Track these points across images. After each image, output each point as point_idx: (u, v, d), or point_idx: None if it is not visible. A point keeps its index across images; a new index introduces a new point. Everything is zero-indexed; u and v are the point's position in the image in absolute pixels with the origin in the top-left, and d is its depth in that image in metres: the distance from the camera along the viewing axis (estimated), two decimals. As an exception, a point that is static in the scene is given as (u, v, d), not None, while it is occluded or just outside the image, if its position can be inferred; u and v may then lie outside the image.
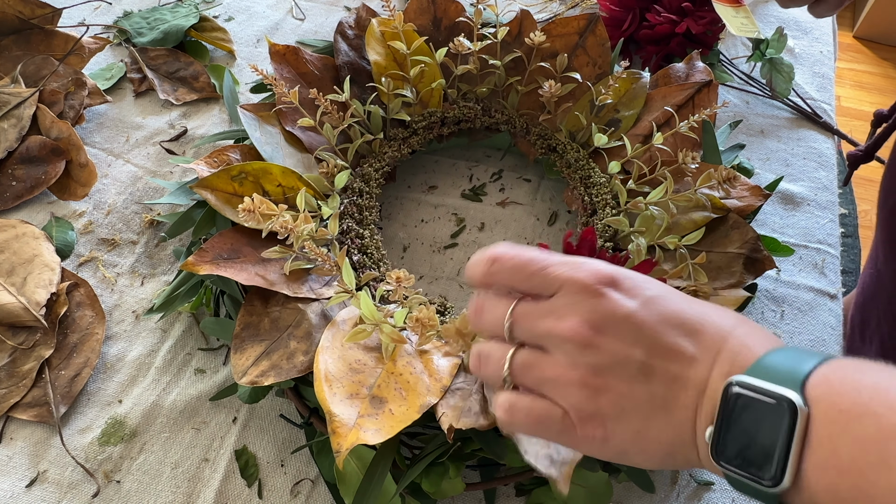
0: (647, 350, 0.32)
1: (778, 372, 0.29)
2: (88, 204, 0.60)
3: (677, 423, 0.31)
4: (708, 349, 0.32)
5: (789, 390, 0.28)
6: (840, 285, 0.59)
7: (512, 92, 0.59)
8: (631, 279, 0.34)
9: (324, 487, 0.46)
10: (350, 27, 0.59)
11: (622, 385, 0.32)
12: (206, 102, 0.69)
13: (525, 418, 0.33)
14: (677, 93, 0.56)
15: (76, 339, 0.51)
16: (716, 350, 0.32)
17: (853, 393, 0.28)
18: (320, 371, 0.40)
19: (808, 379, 0.29)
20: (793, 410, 0.28)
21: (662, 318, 0.32)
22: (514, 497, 0.46)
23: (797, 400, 0.28)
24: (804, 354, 0.30)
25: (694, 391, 0.31)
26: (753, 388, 0.29)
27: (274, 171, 0.49)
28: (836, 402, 0.28)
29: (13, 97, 0.63)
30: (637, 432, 0.32)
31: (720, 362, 0.31)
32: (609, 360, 0.32)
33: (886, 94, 1.92)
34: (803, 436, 0.28)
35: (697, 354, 0.32)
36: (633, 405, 0.32)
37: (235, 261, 0.45)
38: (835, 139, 0.69)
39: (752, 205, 0.50)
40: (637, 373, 0.32)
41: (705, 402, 0.31)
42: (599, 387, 0.32)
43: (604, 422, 0.32)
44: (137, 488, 0.46)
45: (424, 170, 0.63)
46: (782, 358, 0.30)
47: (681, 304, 0.34)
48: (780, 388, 0.28)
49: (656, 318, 0.32)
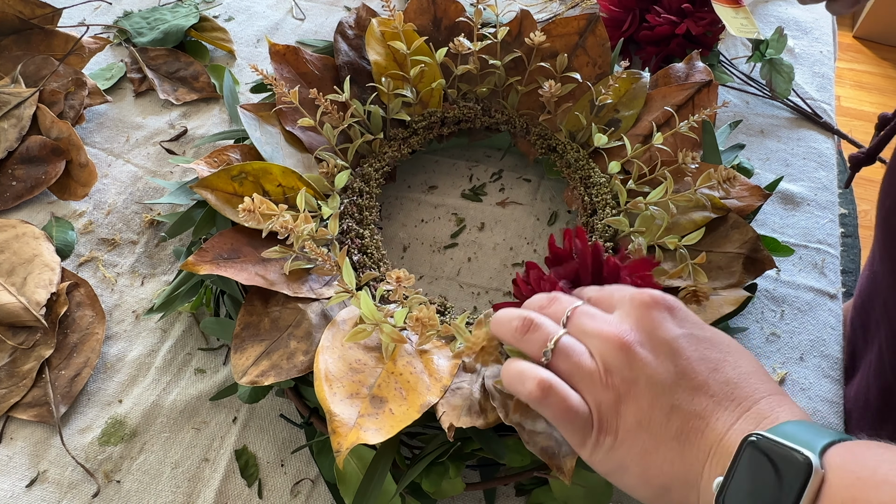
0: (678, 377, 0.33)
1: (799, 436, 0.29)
2: (88, 204, 0.60)
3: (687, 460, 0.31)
4: (738, 403, 0.32)
5: (807, 450, 0.28)
6: (840, 285, 0.59)
7: (512, 92, 0.59)
8: (685, 312, 0.36)
9: (324, 487, 0.46)
10: (350, 27, 0.59)
11: (644, 400, 0.32)
12: (206, 102, 0.69)
13: (557, 403, 0.34)
14: (677, 93, 0.56)
15: (76, 339, 0.51)
16: (745, 407, 0.32)
17: (873, 463, 0.28)
18: (320, 371, 0.40)
19: (830, 448, 0.29)
20: (807, 470, 0.28)
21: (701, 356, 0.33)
22: (514, 497, 0.46)
23: (814, 460, 0.28)
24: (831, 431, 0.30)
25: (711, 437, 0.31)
26: (771, 444, 0.29)
27: (274, 171, 0.49)
28: (855, 471, 0.28)
29: (13, 97, 0.63)
30: (645, 451, 0.32)
31: (746, 419, 0.31)
32: (639, 372, 0.33)
33: (886, 94, 1.92)
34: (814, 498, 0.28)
35: (724, 401, 0.32)
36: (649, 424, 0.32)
37: (235, 261, 0.45)
38: (835, 139, 0.69)
39: (752, 205, 0.50)
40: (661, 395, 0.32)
41: (720, 451, 0.31)
42: (624, 394, 0.33)
43: (618, 430, 0.32)
44: (137, 488, 0.46)
45: (424, 170, 0.63)
46: (807, 427, 0.30)
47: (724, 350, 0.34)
48: (797, 446, 0.28)
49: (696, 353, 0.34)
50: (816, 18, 0.81)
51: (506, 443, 0.42)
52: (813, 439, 0.29)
